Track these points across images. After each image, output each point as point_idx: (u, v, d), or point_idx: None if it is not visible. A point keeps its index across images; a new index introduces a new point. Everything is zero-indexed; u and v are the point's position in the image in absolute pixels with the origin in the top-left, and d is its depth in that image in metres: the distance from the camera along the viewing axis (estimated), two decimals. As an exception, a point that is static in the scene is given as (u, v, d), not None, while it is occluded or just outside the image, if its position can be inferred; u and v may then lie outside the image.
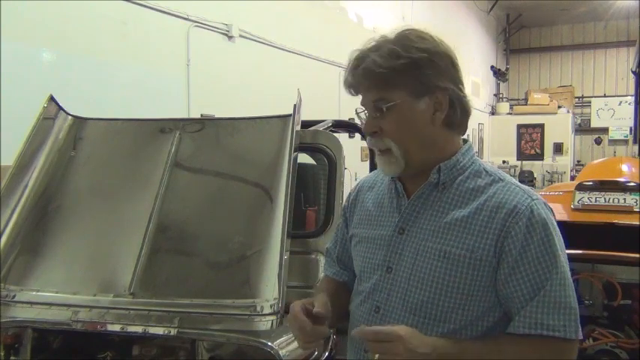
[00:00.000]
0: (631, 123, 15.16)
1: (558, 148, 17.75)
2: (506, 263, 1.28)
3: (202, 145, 2.79)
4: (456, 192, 1.35)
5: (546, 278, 1.26)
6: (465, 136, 1.47)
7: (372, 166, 3.46)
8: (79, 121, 2.93)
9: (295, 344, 2.13)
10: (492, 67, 18.96)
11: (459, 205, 1.34)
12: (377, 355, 1.21)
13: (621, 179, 3.51)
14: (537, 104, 18.23)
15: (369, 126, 1.36)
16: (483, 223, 1.30)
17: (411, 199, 1.38)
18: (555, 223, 1.33)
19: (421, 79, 1.30)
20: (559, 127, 17.86)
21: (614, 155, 17.03)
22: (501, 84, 20.45)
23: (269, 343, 2.06)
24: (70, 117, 2.91)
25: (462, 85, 1.37)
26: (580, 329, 1.27)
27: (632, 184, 3.35)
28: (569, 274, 1.29)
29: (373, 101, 1.34)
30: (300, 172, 2.58)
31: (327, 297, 1.47)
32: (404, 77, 1.30)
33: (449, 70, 1.33)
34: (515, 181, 1.38)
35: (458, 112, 1.35)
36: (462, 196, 1.35)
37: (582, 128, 20.22)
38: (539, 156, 17.93)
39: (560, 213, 3.45)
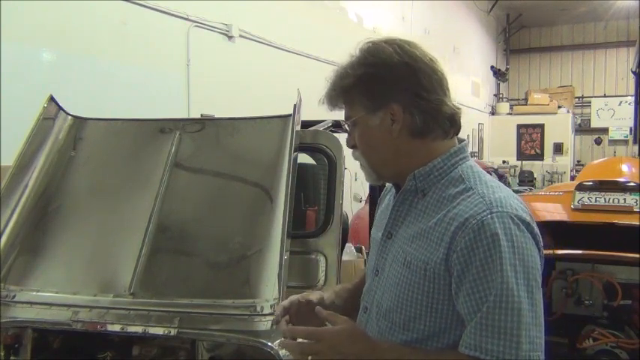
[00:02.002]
0: (631, 123, 15.15)
1: (558, 148, 17.75)
2: (454, 279, 1.22)
3: (202, 145, 2.79)
4: (431, 199, 1.32)
5: (485, 299, 1.17)
6: (465, 136, 1.45)
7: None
8: (79, 121, 2.93)
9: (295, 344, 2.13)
10: (492, 67, 18.96)
11: (430, 213, 1.31)
12: (309, 357, 1.24)
13: (621, 179, 3.51)
14: (537, 104, 18.23)
15: (348, 141, 1.42)
16: (440, 235, 1.25)
17: (394, 205, 1.40)
18: (520, 237, 1.20)
19: (369, 94, 1.32)
20: (559, 127, 17.86)
21: (614, 155, 17.03)
22: (501, 84, 20.45)
23: (269, 343, 2.06)
24: (70, 117, 2.91)
25: (428, 90, 1.30)
26: (532, 356, 1.15)
27: (632, 184, 3.35)
28: (520, 295, 1.16)
29: (344, 118, 1.40)
30: (300, 172, 2.58)
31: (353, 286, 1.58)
32: (353, 95, 1.34)
33: (403, 80, 1.30)
34: (490, 190, 1.27)
35: (419, 119, 1.30)
36: (435, 204, 1.31)
37: (582, 128, 20.22)
38: (539, 156, 17.93)
39: (560, 213, 3.45)
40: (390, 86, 1.31)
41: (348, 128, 1.39)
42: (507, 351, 1.14)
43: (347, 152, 2.60)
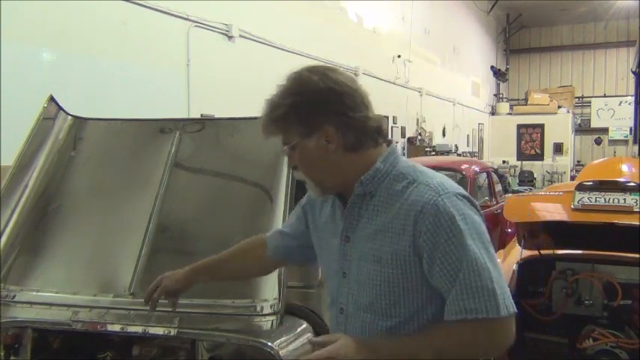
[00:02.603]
0: (631, 123, 15.17)
1: (558, 149, 17.75)
2: (425, 259, 1.39)
3: (202, 145, 2.79)
4: (380, 199, 1.47)
5: (458, 268, 1.34)
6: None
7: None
8: (79, 121, 2.93)
9: (295, 344, 2.14)
10: (492, 67, 18.97)
11: (383, 210, 1.45)
12: None
13: (621, 179, 3.50)
14: (537, 104, 18.23)
15: (288, 162, 1.54)
16: (401, 225, 1.41)
17: (346, 210, 1.51)
18: (467, 210, 1.39)
19: (302, 121, 1.43)
20: (559, 127, 17.86)
21: (614, 155, 17.02)
22: (501, 84, 20.46)
23: (269, 343, 2.06)
24: (70, 117, 2.91)
25: (354, 109, 1.43)
26: (508, 305, 1.34)
27: (632, 184, 3.34)
28: (483, 256, 1.35)
29: (282, 144, 1.50)
30: (300, 172, 2.57)
31: (218, 261, 1.85)
32: (287, 124, 1.44)
33: (331, 104, 1.42)
34: (430, 178, 1.44)
35: (351, 136, 1.44)
36: (385, 201, 1.46)
37: (582, 128, 20.23)
38: (539, 156, 17.93)
39: (560, 213, 3.44)
40: (320, 111, 1.43)
41: (287, 153, 1.50)
42: (488, 305, 1.32)
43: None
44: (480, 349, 1.39)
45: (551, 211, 3.54)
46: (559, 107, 18.21)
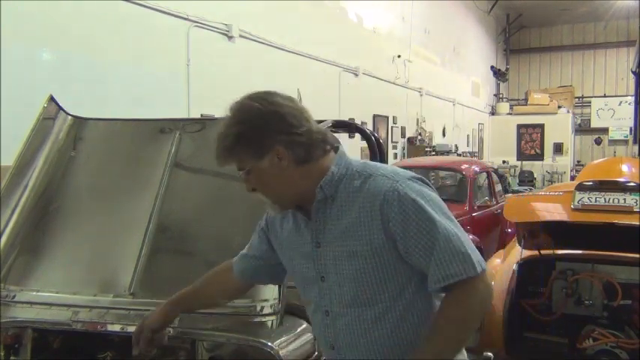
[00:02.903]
0: (631, 123, 15.18)
1: (558, 148, 17.75)
2: (399, 242, 1.50)
3: (202, 145, 2.79)
4: (341, 199, 1.57)
5: (433, 241, 1.47)
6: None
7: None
8: (79, 121, 2.93)
9: (295, 344, 2.14)
10: (492, 67, 18.96)
11: (347, 209, 1.56)
12: None
13: (621, 179, 3.51)
14: (537, 104, 18.23)
15: (246, 187, 1.61)
16: (368, 217, 1.52)
17: (312, 217, 1.60)
18: (424, 190, 1.53)
19: (252, 145, 1.53)
20: (559, 127, 17.86)
21: (614, 155, 17.02)
22: (501, 84, 20.45)
23: (269, 343, 2.06)
24: (70, 117, 2.91)
25: (297, 126, 1.53)
26: (480, 261, 1.48)
27: (632, 184, 3.34)
28: (450, 225, 1.49)
29: (238, 170, 1.59)
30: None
31: (191, 294, 1.93)
32: (239, 150, 1.53)
33: (275, 125, 1.52)
34: (383, 169, 1.58)
35: (300, 150, 1.54)
36: (347, 201, 1.56)
37: (582, 128, 20.22)
38: (539, 156, 17.93)
39: (560, 213, 3.45)
40: (267, 133, 1.52)
41: (244, 178, 1.58)
42: (465, 266, 1.46)
43: (347, 152, 2.61)
44: (474, 309, 1.50)
45: (551, 211, 3.55)
46: (559, 107, 18.21)
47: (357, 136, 4.29)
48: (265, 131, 1.52)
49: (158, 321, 1.90)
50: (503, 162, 16.87)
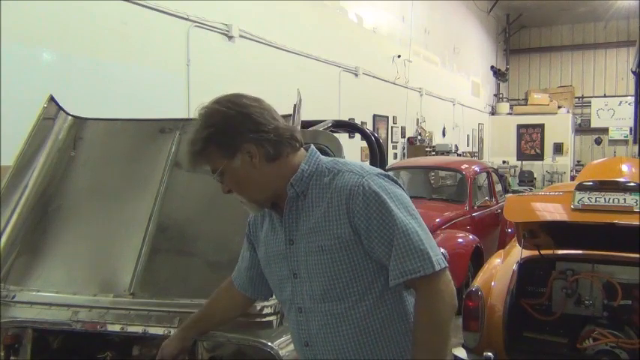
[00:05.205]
0: (631, 123, 15.18)
1: (558, 149, 17.76)
2: (363, 237, 1.55)
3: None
4: (312, 195, 1.61)
5: (392, 237, 1.51)
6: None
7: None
8: (79, 121, 2.93)
9: (295, 344, 2.14)
10: (492, 67, 18.97)
11: (317, 204, 1.60)
12: None
13: (621, 179, 3.50)
14: (537, 104, 18.23)
15: (222, 189, 1.66)
16: (335, 212, 1.56)
17: (284, 215, 1.64)
18: (389, 186, 1.57)
19: (222, 146, 1.57)
20: (559, 127, 17.87)
21: (614, 155, 17.02)
22: (501, 84, 20.46)
23: (269, 343, 2.06)
24: (70, 117, 2.91)
25: (264, 124, 1.57)
26: (439, 261, 1.51)
27: (632, 184, 3.34)
28: (411, 222, 1.53)
29: (212, 173, 1.63)
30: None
31: (205, 314, 1.96)
32: (209, 153, 1.58)
33: (243, 125, 1.56)
34: (352, 166, 1.61)
35: (269, 147, 1.58)
36: (317, 196, 1.60)
37: (582, 128, 20.22)
38: (539, 156, 17.93)
39: (560, 213, 3.45)
40: (236, 133, 1.56)
41: (218, 179, 1.62)
42: (423, 264, 1.49)
43: (347, 152, 2.59)
44: (443, 309, 1.52)
45: (551, 211, 3.54)
46: (559, 107, 18.21)
47: (357, 136, 4.30)
48: (234, 131, 1.56)
49: (176, 347, 1.93)
50: (503, 162, 16.88)
